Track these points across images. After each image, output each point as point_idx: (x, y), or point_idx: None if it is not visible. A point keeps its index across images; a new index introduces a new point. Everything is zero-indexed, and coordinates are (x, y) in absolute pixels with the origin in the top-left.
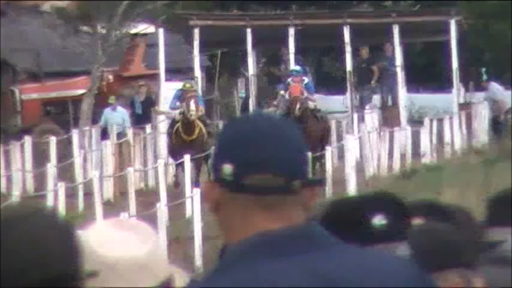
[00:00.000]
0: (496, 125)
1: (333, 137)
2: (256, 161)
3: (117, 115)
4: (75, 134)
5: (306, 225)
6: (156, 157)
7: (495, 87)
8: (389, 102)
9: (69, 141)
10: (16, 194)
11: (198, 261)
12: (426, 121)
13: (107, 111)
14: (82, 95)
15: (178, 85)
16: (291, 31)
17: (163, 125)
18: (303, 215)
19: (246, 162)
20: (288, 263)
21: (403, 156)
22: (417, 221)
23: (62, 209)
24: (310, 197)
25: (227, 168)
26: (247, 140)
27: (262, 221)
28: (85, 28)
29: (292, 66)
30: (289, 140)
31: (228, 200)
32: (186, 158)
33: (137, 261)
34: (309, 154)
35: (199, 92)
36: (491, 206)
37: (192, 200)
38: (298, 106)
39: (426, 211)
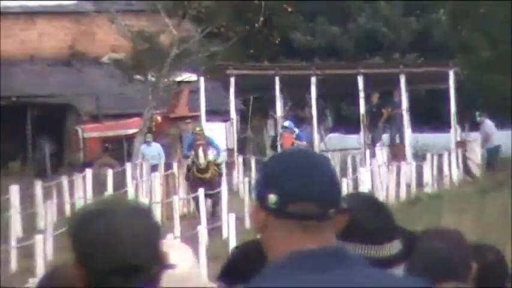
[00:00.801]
0: (489, 158)
1: (349, 170)
2: (297, 192)
3: (153, 149)
4: (128, 167)
5: (338, 247)
6: None
7: (489, 123)
8: (397, 140)
9: (123, 173)
10: None
11: None
12: (428, 156)
13: (144, 146)
14: (135, 133)
15: (217, 125)
16: (313, 80)
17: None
18: (334, 237)
19: (289, 193)
20: (319, 277)
21: (408, 186)
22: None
23: None
24: (341, 222)
25: (272, 198)
26: (289, 174)
27: (302, 241)
28: (138, 77)
29: (286, 123)
30: (325, 173)
31: (272, 224)
32: (200, 192)
33: (182, 274)
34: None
35: (234, 131)
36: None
37: (228, 223)
38: None
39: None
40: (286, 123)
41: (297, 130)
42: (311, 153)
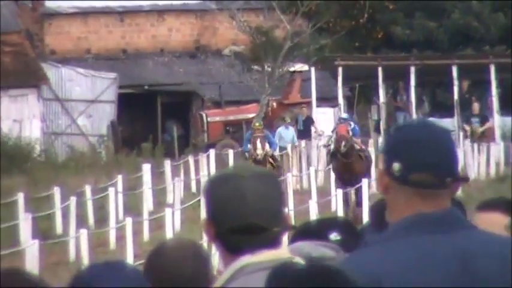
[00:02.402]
0: None
1: None
2: (419, 163)
3: (289, 133)
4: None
5: (451, 211)
6: (308, 164)
7: None
8: (487, 124)
9: (243, 153)
10: None
11: None
12: None
13: (282, 129)
14: (252, 117)
15: (327, 110)
16: (412, 69)
17: (315, 141)
18: (449, 201)
19: (411, 163)
20: (436, 237)
21: (497, 164)
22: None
23: None
24: (456, 189)
25: (396, 165)
26: (413, 145)
27: (421, 206)
28: (256, 67)
29: (345, 115)
30: (444, 145)
31: (394, 188)
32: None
33: None
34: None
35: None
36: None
37: (336, 197)
38: (343, 143)
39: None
40: (345, 115)
41: (352, 124)
42: (432, 126)
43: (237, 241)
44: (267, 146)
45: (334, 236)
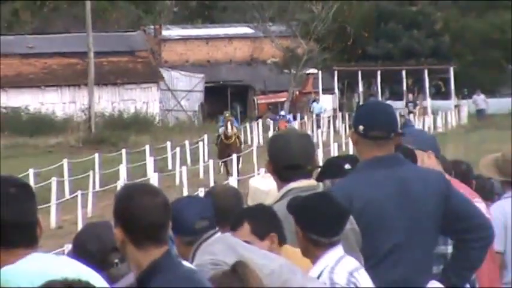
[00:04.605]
0: None
1: None
2: (375, 124)
3: (319, 106)
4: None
5: (395, 155)
6: (318, 127)
7: None
8: (417, 107)
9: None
10: None
11: None
12: None
13: (314, 103)
14: (284, 101)
15: (328, 96)
16: (379, 72)
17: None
18: (393, 148)
19: (370, 124)
20: (385, 171)
21: (429, 128)
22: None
23: None
24: (397, 140)
25: (361, 127)
26: (370, 113)
27: (376, 152)
28: (286, 70)
29: (282, 112)
30: (389, 113)
31: (360, 142)
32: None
33: (269, 191)
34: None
35: (336, 99)
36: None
37: (333, 146)
38: None
39: None
40: (282, 113)
41: (287, 117)
42: (382, 103)
43: (286, 174)
44: (234, 128)
45: (347, 166)
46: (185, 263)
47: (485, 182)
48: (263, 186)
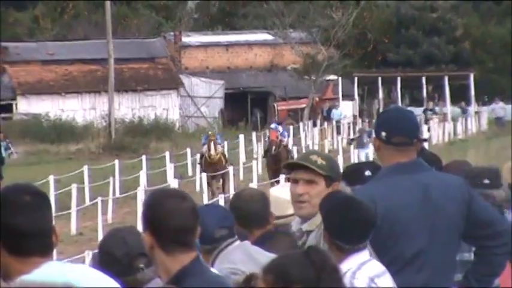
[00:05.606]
0: None
1: None
2: (397, 130)
3: (338, 112)
4: (301, 124)
5: (418, 160)
6: (338, 134)
7: None
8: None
9: (298, 128)
10: None
11: None
12: None
13: (334, 110)
14: (304, 107)
15: (347, 102)
16: (399, 79)
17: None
18: (416, 154)
19: (393, 131)
20: (407, 177)
21: (449, 134)
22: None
23: None
24: (419, 147)
25: (383, 133)
26: (393, 120)
27: (398, 158)
28: (306, 77)
29: (273, 125)
30: (411, 119)
31: (382, 147)
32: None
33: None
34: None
35: (357, 106)
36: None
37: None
38: (274, 148)
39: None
40: (273, 126)
41: (281, 129)
42: (404, 109)
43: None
44: (218, 146)
45: (367, 173)
46: (213, 270)
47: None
48: (284, 195)
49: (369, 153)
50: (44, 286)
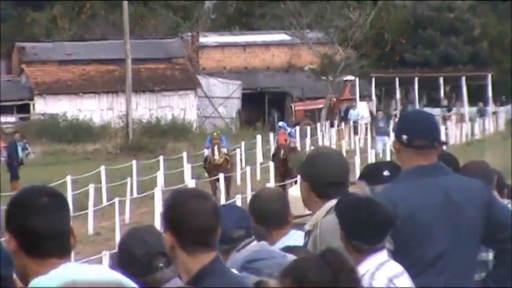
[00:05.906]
0: None
1: None
2: (418, 134)
3: (356, 112)
4: (318, 125)
5: (438, 163)
6: (355, 134)
7: None
8: (451, 112)
9: (315, 129)
10: None
11: None
12: None
13: (351, 110)
14: (321, 107)
15: (364, 103)
16: (416, 79)
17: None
18: (437, 157)
19: (413, 134)
20: (428, 180)
21: (466, 135)
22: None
23: None
24: (440, 149)
25: (404, 136)
26: (414, 122)
27: (419, 161)
28: (323, 77)
29: (281, 123)
30: (432, 122)
31: (403, 150)
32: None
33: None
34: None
35: (374, 106)
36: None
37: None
38: (282, 152)
39: None
40: (281, 124)
41: (289, 129)
42: (424, 112)
43: (328, 191)
44: (223, 149)
45: (386, 173)
46: (233, 270)
47: None
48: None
49: (386, 142)
50: (98, 286)
